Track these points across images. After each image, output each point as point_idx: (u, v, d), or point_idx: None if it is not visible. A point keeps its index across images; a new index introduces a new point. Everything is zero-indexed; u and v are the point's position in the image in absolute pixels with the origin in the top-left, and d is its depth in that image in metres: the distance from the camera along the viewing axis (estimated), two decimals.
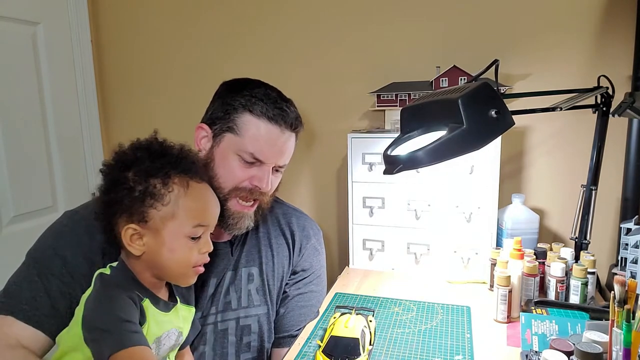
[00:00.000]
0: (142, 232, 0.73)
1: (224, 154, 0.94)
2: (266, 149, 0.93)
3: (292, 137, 0.97)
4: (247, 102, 0.93)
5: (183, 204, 0.74)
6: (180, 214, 0.74)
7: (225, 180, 0.93)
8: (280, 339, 1.07)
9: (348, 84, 1.57)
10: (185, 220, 0.74)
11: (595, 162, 1.10)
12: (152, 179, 0.73)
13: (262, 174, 0.94)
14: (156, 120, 1.80)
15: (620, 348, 0.70)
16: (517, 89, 1.39)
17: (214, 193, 0.82)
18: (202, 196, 0.78)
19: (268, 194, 0.98)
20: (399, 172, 0.87)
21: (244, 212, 0.96)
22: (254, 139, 0.92)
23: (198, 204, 0.76)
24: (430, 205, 1.31)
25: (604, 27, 1.32)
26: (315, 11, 1.57)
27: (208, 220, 0.77)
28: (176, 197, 0.74)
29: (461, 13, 1.43)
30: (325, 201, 1.67)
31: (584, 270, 1.03)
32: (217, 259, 1.00)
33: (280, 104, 0.94)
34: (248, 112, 0.93)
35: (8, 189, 1.47)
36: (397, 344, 0.96)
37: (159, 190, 0.73)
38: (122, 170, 0.74)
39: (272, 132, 0.93)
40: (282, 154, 0.96)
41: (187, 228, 0.74)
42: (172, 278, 0.77)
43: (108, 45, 1.83)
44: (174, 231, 0.73)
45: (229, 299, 1.01)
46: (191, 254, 0.75)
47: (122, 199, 0.73)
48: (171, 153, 0.78)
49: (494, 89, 0.84)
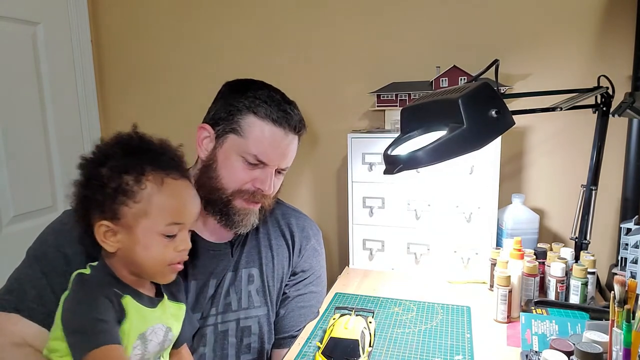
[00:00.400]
0: (116, 229, 0.73)
1: (227, 155, 0.94)
2: (270, 151, 0.92)
3: (295, 139, 0.97)
4: (251, 103, 0.92)
5: (156, 202, 0.73)
6: (153, 211, 0.72)
7: (228, 181, 0.93)
8: (280, 340, 1.07)
9: (348, 84, 1.57)
10: (158, 219, 0.73)
11: (595, 162, 1.10)
12: (126, 176, 0.72)
13: (264, 177, 0.94)
14: (156, 120, 1.80)
15: (620, 348, 0.70)
16: (517, 89, 1.39)
17: (194, 190, 0.80)
18: (177, 194, 0.76)
19: (270, 196, 0.98)
20: (399, 172, 0.86)
21: (249, 209, 0.96)
22: (257, 141, 0.92)
23: (172, 202, 0.74)
24: (430, 205, 1.31)
25: (604, 27, 1.32)
26: (315, 11, 1.57)
27: (183, 218, 0.75)
28: (149, 195, 0.72)
29: (461, 13, 1.43)
30: (325, 201, 1.67)
31: (584, 270, 1.03)
32: (217, 260, 1.00)
33: (284, 107, 0.94)
34: (252, 114, 0.92)
35: (8, 189, 1.47)
36: (397, 344, 0.96)
37: (131, 187, 0.72)
38: (97, 166, 0.74)
39: (276, 135, 0.93)
40: (285, 156, 0.96)
41: (161, 226, 0.73)
42: (148, 275, 0.76)
43: (108, 45, 1.83)
44: (147, 229, 0.73)
45: (229, 300, 1.00)
46: (166, 251, 0.74)
47: (95, 195, 0.72)
48: (149, 149, 0.77)
49: (494, 89, 0.84)
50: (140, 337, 0.72)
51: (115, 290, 0.72)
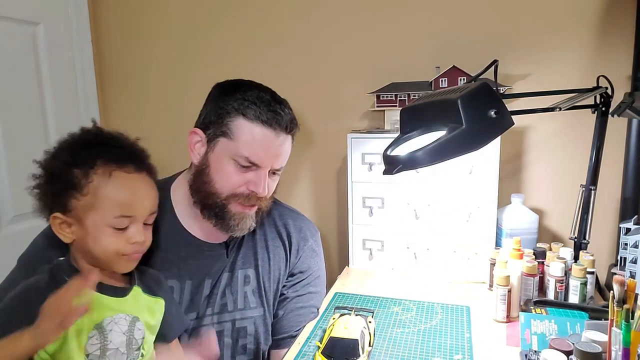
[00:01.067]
0: (69, 221, 0.75)
1: (219, 159, 0.93)
2: (261, 152, 0.91)
3: (287, 139, 0.96)
4: (240, 105, 0.91)
5: (103, 195, 0.74)
6: (101, 204, 0.74)
7: (222, 185, 0.93)
8: (279, 340, 1.07)
9: (348, 84, 1.57)
10: (106, 211, 0.74)
11: (594, 162, 1.10)
12: (75, 169, 0.74)
13: (258, 179, 0.92)
14: (156, 120, 1.80)
15: (619, 348, 0.70)
16: (516, 89, 1.39)
17: (151, 184, 0.80)
18: (126, 187, 0.76)
19: (266, 198, 0.97)
20: (399, 172, 0.87)
21: (245, 213, 0.95)
22: (248, 144, 0.91)
23: (120, 195, 0.75)
24: (430, 205, 1.31)
25: (604, 28, 1.32)
26: (315, 11, 1.57)
27: (132, 211, 0.75)
28: (95, 188, 0.74)
29: (461, 13, 1.43)
30: (325, 201, 1.67)
31: (583, 270, 1.03)
32: (211, 261, 1.00)
33: (274, 107, 0.92)
34: (241, 116, 0.91)
35: (8, 189, 1.48)
36: (396, 344, 0.96)
37: (80, 180, 0.74)
38: (51, 161, 0.76)
39: (267, 136, 0.91)
40: (278, 157, 0.95)
41: (109, 218, 0.74)
42: (103, 265, 0.77)
43: (108, 45, 1.83)
44: (95, 221, 0.74)
45: (225, 301, 1.00)
46: (117, 243, 0.75)
47: (48, 189, 0.75)
48: (104, 142, 0.78)
49: (494, 89, 0.84)
50: (96, 326, 0.73)
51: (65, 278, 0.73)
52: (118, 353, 0.75)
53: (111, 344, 0.74)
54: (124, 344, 0.76)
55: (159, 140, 1.80)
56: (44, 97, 1.60)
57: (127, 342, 0.76)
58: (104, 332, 0.74)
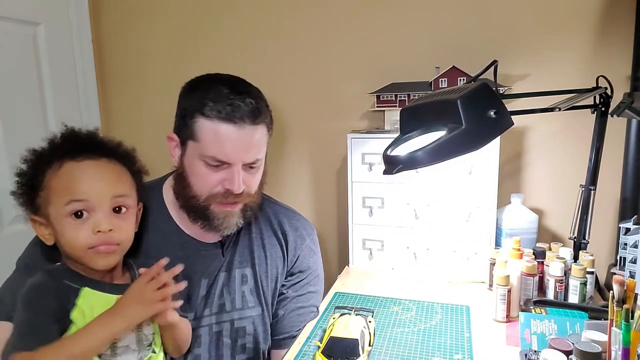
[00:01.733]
0: (42, 221, 0.77)
1: (191, 162, 0.92)
2: (227, 149, 0.88)
3: (255, 130, 0.91)
4: (198, 105, 0.89)
5: (53, 185, 0.75)
6: (52, 195, 0.75)
7: (199, 188, 0.92)
8: (280, 340, 1.07)
9: (348, 85, 1.57)
10: (57, 200, 0.74)
11: (594, 162, 1.10)
12: (34, 169, 0.77)
13: (231, 176, 0.90)
14: (156, 120, 1.79)
15: (619, 347, 0.70)
16: (516, 89, 1.39)
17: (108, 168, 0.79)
18: (75, 173, 0.76)
19: (247, 194, 0.94)
20: (399, 172, 0.87)
21: (227, 211, 0.93)
22: (212, 143, 0.88)
23: (66, 181, 0.75)
24: (429, 205, 1.31)
25: (603, 28, 1.32)
26: (315, 12, 1.57)
27: (81, 194, 0.74)
28: (48, 181, 0.75)
29: (461, 14, 1.43)
30: (325, 201, 1.67)
31: (582, 269, 1.03)
32: (206, 260, 0.99)
33: (232, 100, 0.88)
34: (200, 115, 0.89)
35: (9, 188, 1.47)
36: (396, 344, 0.96)
37: (38, 178, 0.76)
38: (23, 166, 0.79)
39: (229, 131, 0.88)
40: (247, 150, 0.90)
41: (61, 207, 0.74)
42: (80, 262, 0.76)
43: (108, 45, 1.83)
44: (55, 214, 0.75)
45: (222, 301, 1.00)
46: (80, 235, 0.74)
47: (20, 192, 0.79)
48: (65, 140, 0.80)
49: (493, 90, 0.84)
50: None
51: (68, 283, 0.74)
52: (129, 350, 0.76)
53: (120, 342, 0.75)
54: (133, 340, 0.76)
55: (158, 140, 1.81)
56: (44, 97, 1.60)
57: (136, 338, 0.77)
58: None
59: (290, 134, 1.64)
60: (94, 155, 0.78)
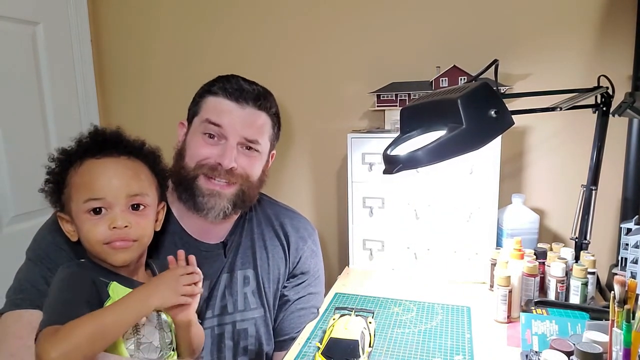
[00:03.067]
0: (67, 218, 0.79)
1: (192, 137, 0.97)
2: (224, 116, 0.94)
3: (258, 114, 0.97)
4: (209, 86, 0.99)
5: (73, 183, 0.78)
6: (73, 192, 0.78)
7: (190, 159, 0.95)
8: (281, 342, 1.07)
9: (348, 84, 1.57)
10: (77, 197, 0.77)
11: (595, 162, 1.09)
12: (58, 167, 0.80)
13: (224, 151, 0.94)
14: (156, 120, 1.80)
15: (620, 348, 0.70)
16: (517, 88, 1.39)
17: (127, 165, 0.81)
18: (93, 171, 0.78)
19: (242, 175, 0.96)
20: (399, 172, 0.86)
21: (214, 190, 0.94)
22: (211, 110, 0.96)
23: (85, 179, 0.77)
24: (430, 205, 1.31)
25: (604, 27, 1.32)
26: (315, 11, 1.57)
27: (99, 193, 0.76)
28: (70, 178, 0.79)
29: (461, 13, 1.42)
30: (325, 201, 1.66)
31: (584, 270, 1.03)
32: (207, 261, 0.99)
33: (240, 84, 0.97)
34: (209, 93, 0.98)
35: (8, 189, 1.47)
36: (397, 344, 0.96)
37: (64, 176, 0.79)
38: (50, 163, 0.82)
39: (231, 106, 0.95)
40: (246, 125, 0.95)
41: (81, 204, 0.76)
42: (97, 257, 0.78)
43: (108, 45, 1.83)
44: (75, 211, 0.77)
45: (224, 303, 1.00)
46: (96, 229, 0.75)
47: (48, 190, 0.81)
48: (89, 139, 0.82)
49: (494, 89, 0.84)
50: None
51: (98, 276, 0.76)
52: (152, 347, 0.76)
53: (144, 337, 0.76)
54: (157, 338, 0.77)
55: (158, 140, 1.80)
56: (43, 97, 1.60)
57: (159, 336, 0.78)
58: (137, 326, 0.75)
59: (290, 134, 1.64)
60: (115, 153, 0.80)
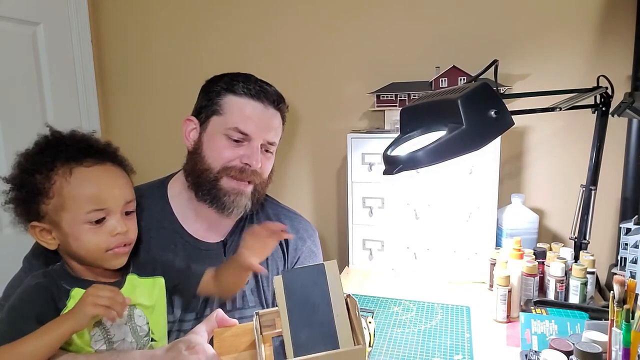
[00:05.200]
0: (47, 227, 0.76)
1: (211, 136, 0.96)
2: (251, 122, 0.94)
3: (276, 115, 0.99)
4: (228, 85, 0.96)
5: (68, 193, 0.74)
6: (69, 203, 0.74)
7: (214, 160, 0.94)
8: None
9: (348, 84, 1.57)
10: (76, 209, 0.73)
11: (594, 162, 1.10)
12: (37, 175, 0.74)
13: (250, 152, 0.94)
14: (156, 120, 1.80)
15: (619, 348, 0.70)
16: (516, 89, 1.39)
17: (118, 172, 0.79)
18: (90, 180, 0.75)
19: (261, 174, 0.97)
20: (399, 172, 0.87)
21: (239, 189, 0.95)
22: (238, 115, 0.94)
23: (85, 190, 0.74)
24: (430, 205, 1.31)
25: (604, 27, 1.32)
26: (315, 11, 1.57)
27: (103, 203, 0.75)
28: (59, 188, 0.74)
29: (461, 13, 1.43)
30: (325, 201, 1.67)
31: (583, 270, 1.03)
32: (209, 260, 0.99)
33: (260, 84, 0.97)
34: (230, 93, 0.96)
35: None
36: (396, 344, 0.96)
37: (42, 185, 0.74)
38: (14, 173, 0.77)
39: (256, 108, 0.95)
40: (269, 129, 0.97)
41: (82, 215, 0.73)
42: (91, 263, 0.77)
43: (108, 45, 1.83)
44: (70, 221, 0.74)
45: (223, 301, 1.00)
46: (98, 238, 0.74)
47: (18, 200, 0.76)
48: (59, 143, 0.78)
49: (494, 89, 0.84)
50: (96, 324, 0.74)
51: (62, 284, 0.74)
52: (126, 343, 0.76)
53: (115, 336, 0.75)
54: (128, 333, 0.77)
55: (158, 140, 1.81)
56: (44, 97, 1.60)
57: (131, 331, 0.77)
58: (105, 327, 0.75)
59: (290, 134, 1.64)
60: (98, 160, 0.78)
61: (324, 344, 0.63)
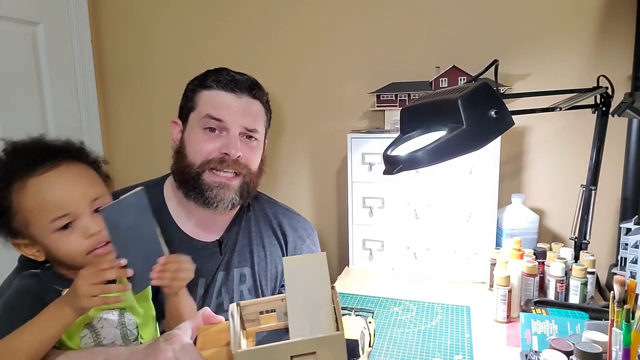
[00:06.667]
0: (27, 242, 0.74)
1: (190, 132, 0.97)
2: (224, 109, 0.95)
3: (253, 102, 0.99)
4: (200, 81, 0.99)
5: (27, 208, 0.71)
6: (30, 217, 0.72)
7: (194, 155, 0.95)
8: None
9: (348, 84, 1.57)
10: (40, 220, 0.71)
11: (594, 162, 1.10)
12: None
13: (228, 141, 0.94)
14: (156, 120, 1.80)
15: (619, 348, 0.70)
16: (516, 89, 1.39)
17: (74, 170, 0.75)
18: (43, 189, 0.71)
19: (247, 165, 0.97)
20: (399, 172, 0.86)
21: (222, 182, 0.95)
22: (209, 104, 0.96)
23: (41, 200, 0.71)
24: (430, 205, 1.31)
25: (604, 27, 1.32)
26: (315, 11, 1.57)
27: (63, 208, 0.71)
28: (18, 204, 0.71)
29: (461, 13, 1.43)
30: (325, 201, 1.67)
31: (583, 270, 1.03)
32: (203, 259, 0.99)
33: (232, 75, 0.98)
34: (202, 88, 0.98)
35: None
36: (396, 344, 0.96)
37: (5, 203, 0.72)
38: None
39: (227, 97, 0.96)
40: (245, 114, 0.97)
41: (47, 225, 0.71)
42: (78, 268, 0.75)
43: (108, 45, 1.83)
44: (40, 233, 0.72)
45: (220, 300, 1.00)
46: (73, 243, 0.72)
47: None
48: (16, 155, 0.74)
49: (494, 89, 0.84)
50: (87, 326, 0.74)
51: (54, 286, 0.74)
52: (115, 346, 0.76)
53: (105, 339, 0.75)
54: (118, 337, 0.77)
55: (158, 139, 1.81)
56: (44, 97, 1.60)
57: (121, 334, 0.77)
58: (96, 329, 0.75)
59: (290, 134, 1.64)
60: (51, 163, 0.73)
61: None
